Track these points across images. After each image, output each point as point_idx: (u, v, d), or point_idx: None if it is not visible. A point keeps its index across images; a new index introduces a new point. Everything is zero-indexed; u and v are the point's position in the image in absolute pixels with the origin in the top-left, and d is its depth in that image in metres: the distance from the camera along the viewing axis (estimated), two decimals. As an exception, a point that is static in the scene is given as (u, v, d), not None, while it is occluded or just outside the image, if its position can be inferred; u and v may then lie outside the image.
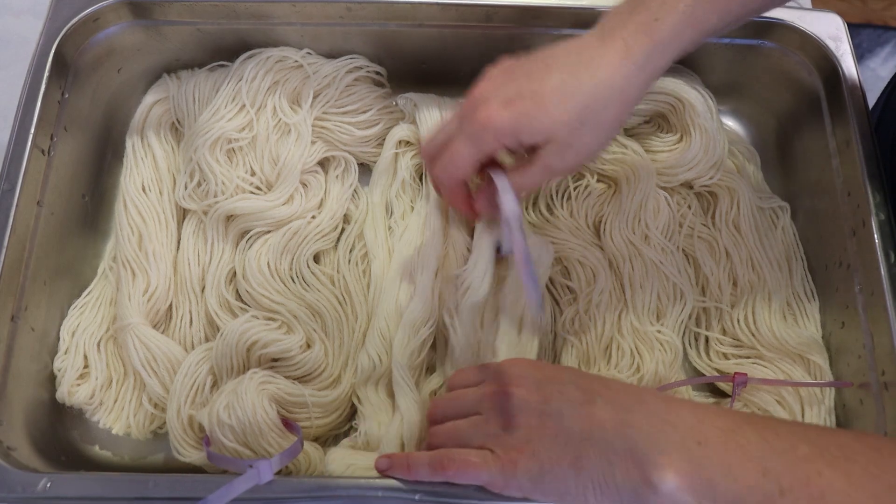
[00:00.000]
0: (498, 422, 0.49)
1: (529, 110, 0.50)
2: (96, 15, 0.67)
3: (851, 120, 0.66)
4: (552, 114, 0.50)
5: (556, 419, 0.47)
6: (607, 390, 0.47)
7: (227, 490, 0.49)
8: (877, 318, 0.60)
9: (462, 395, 0.53)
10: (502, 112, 0.51)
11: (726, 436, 0.43)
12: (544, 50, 0.53)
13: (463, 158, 0.53)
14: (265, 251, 0.65)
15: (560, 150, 0.52)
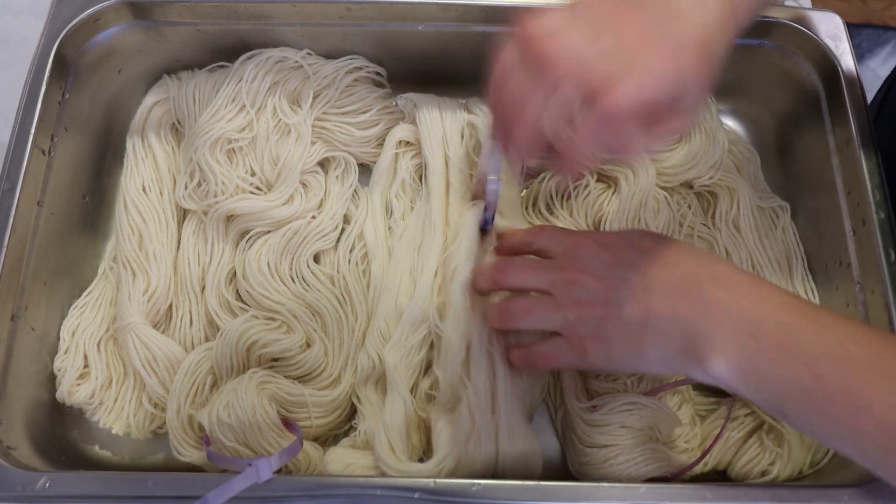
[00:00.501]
0: (570, 308, 0.52)
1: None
2: (97, 16, 0.68)
3: (851, 119, 0.66)
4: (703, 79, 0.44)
5: (618, 307, 0.49)
6: (668, 273, 0.48)
7: (226, 488, 0.49)
8: (877, 317, 0.60)
9: (535, 267, 0.55)
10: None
11: (781, 331, 0.44)
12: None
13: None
14: (265, 251, 0.65)
15: None
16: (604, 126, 0.41)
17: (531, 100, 0.43)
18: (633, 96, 0.40)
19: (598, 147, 0.44)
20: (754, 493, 0.52)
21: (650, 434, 0.59)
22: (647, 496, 0.52)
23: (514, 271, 0.55)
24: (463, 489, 0.52)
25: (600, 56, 0.40)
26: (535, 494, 0.52)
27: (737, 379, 0.45)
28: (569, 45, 0.41)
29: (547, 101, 0.42)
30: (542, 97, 0.42)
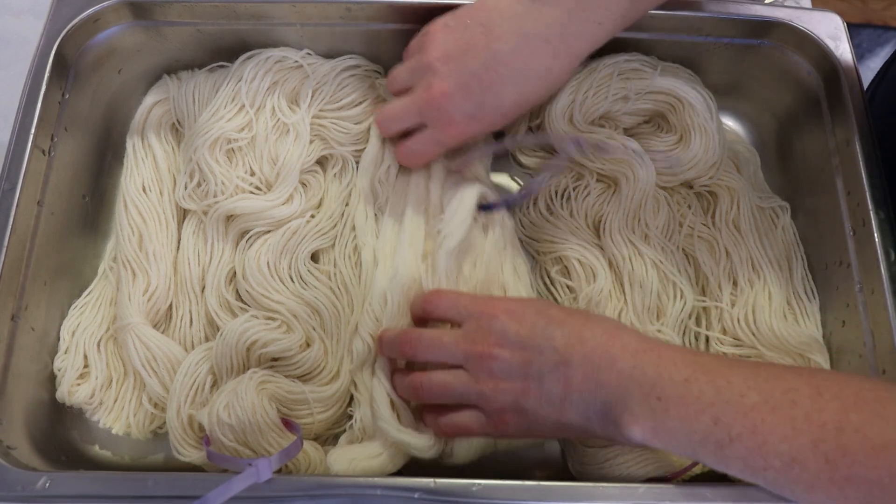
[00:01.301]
0: (486, 383, 0.52)
1: (492, 123, 0.62)
2: (97, 16, 0.68)
3: (851, 119, 0.66)
4: (509, 118, 0.62)
5: (538, 382, 0.51)
6: (581, 345, 0.51)
7: (225, 488, 0.49)
8: (877, 317, 0.60)
9: (446, 343, 0.54)
10: (469, 127, 0.61)
11: (684, 388, 0.47)
12: (489, 46, 0.59)
13: (429, 154, 0.64)
14: (265, 251, 0.65)
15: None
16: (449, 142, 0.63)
17: None
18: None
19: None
20: (754, 494, 0.52)
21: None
22: (646, 496, 0.52)
23: (424, 347, 0.55)
24: (463, 489, 0.52)
25: None
26: (535, 494, 0.52)
27: (651, 439, 0.48)
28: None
29: None
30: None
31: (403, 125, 0.64)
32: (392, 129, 0.65)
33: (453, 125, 0.61)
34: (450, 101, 0.59)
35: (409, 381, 0.56)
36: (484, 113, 0.60)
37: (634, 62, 0.69)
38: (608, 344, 0.50)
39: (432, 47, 0.61)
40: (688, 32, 0.71)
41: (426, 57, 0.61)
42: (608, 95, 0.69)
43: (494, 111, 0.60)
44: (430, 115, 0.61)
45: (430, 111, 0.61)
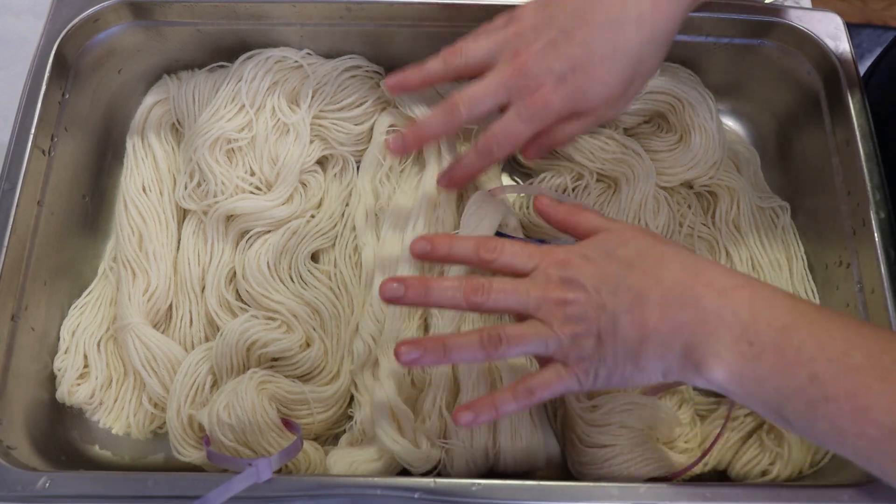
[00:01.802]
0: (562, 329, 0.48)
1: (584, 84, 0.52)
2: (97, 16, 0.68)
3: (851, 119, 0.66)
4: (607, 81, 0.52)
5: (612, 326, 0.47)
6: (658, 285, 0.47)
7: (225, 488, 0.49)
8: (877, 317, 0.60)
9: (519, 289, 0.49)
10: (558, 92, 0.52)
11: (780, 336, 0.44)
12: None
13: (520, 137, 0.55)
14: (265, 251, 0.65)
15: (614, 105, 0.55)
16: (534, 116, 0.53)
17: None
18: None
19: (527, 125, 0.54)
20: (754, 493, 0.52)
21: (650, 434, 0.59)
22: (646, 496, 0.52)
23: (496, 294, 0.49)
24: (463, 489, 0.52)
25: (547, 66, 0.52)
26: (535, 494, 0.52)
27: (736, 385, 0.45)
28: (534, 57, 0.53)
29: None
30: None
31: (489, 105, 0.55)
32: (476, 111, 0.55)
33: (540, 91, 0.52)
34: (536, 62, 0.52)
35: (479, 333, 0.49)
36: (575, 73, 0.52)
37: (634, 62, 0.69)
38: (690, 282, 0.47)
39: (522, 19, 0.55)
40: (688, 32, 0.71)
41: (514, 27, 0.55)
42: (608, 95, 0.68)
43: (585, 68, 0.52)
44: (517, 85, 0.53)
45: (517, 79, 0.53)
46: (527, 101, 0.53)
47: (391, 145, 0.57)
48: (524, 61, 0.52)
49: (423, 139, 0.57)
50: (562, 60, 0.52)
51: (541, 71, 0.52)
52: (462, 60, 0.56)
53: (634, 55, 0.52)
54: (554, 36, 0.52)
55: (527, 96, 0.53)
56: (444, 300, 0.50)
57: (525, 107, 0.53)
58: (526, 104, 0.53)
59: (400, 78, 0.58)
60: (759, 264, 0.67)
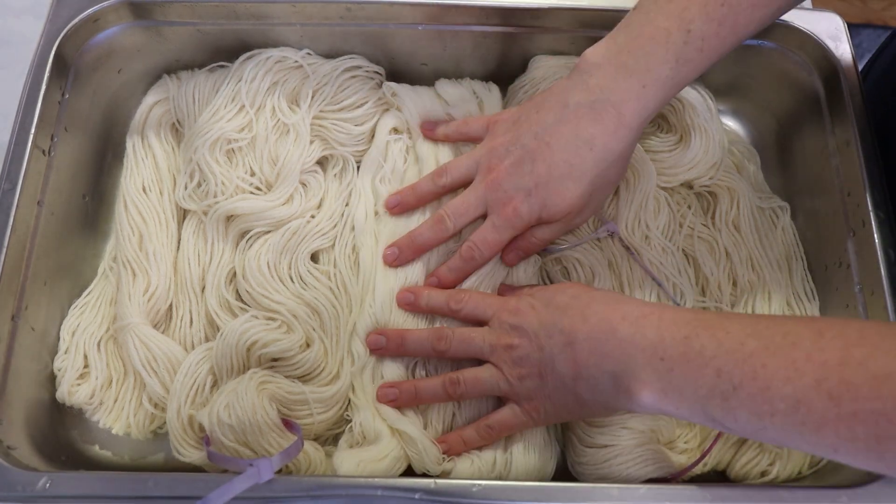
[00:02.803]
0: (511, 371, 0.56)
1: (546, 199, 0.59)
2: (97, 16, 0.67)
3: (851, 120, 0.66)
4: (567, 196, 0.59)
5: (550, 366, 0.54)
6: (584, 324, 0.53)
7: (226, 489, 0.49)
8: (877, 318, 0.60)
9: (475, 338, 0.58)
10: (525, 205, 0.59)
11: (685, 346, 0.48)
12: (539, 116, 0.60)
13: (497, 243, 0.61)
14: (265, 251, 0.65)
15: (579, 214, 0.61)
16: (506, 225, 0.60)
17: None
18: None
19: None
20: (754, 494, 0.52)
21: (650, 435, 0.59)
22: (646, 497, 0.52)
23: (457, 343, 0.58)
24: (463, 489, 0.52)
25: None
26: (535, 495, 0.52)
27: (664, 402, 0.49)
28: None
29: None
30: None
31: (470, 216, 0.62)
32: (460, 222, 0.62)
33: (511, 204, 0.59)
34: (506, 178, 0.59)
35: (441, 380, 0.58)
36: (538, 189, 0.59)
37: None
38: (609, 316, 0.52)
39: (496, 135, 0.62)
40: (688, 33, 0.71)
41: (488, 143, 0.62)
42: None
43: (547, 185, 0.58)
44: (491, 198, 0.60)
45: (491, 193, 0.60)
46: (500, 213, 0.60)
47: (388, 259, 0.63)
48: (496, 177, 0.60)
49: (418, 250, 0.63)
50: (526, 178, 0.59)
51: (510, 186, 0.59)
52: (448, 179, 0.63)
53: (589, 173, 0.58)
54: (520, 155, 0.59)
55: (500, 208, 0.60)
56: (417, 350, 0.60)
57: (498, 217, 0.60)
58: (499, 215, 0.60)
59: (398, 200, 0.65)
60: (758, 264, 0.67)
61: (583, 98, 0.58)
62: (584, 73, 0.58)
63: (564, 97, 0.59)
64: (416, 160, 0.69)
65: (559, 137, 0.58)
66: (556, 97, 0.59)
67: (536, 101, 0.61)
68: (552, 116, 0.59)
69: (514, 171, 0.59)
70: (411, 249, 0.63)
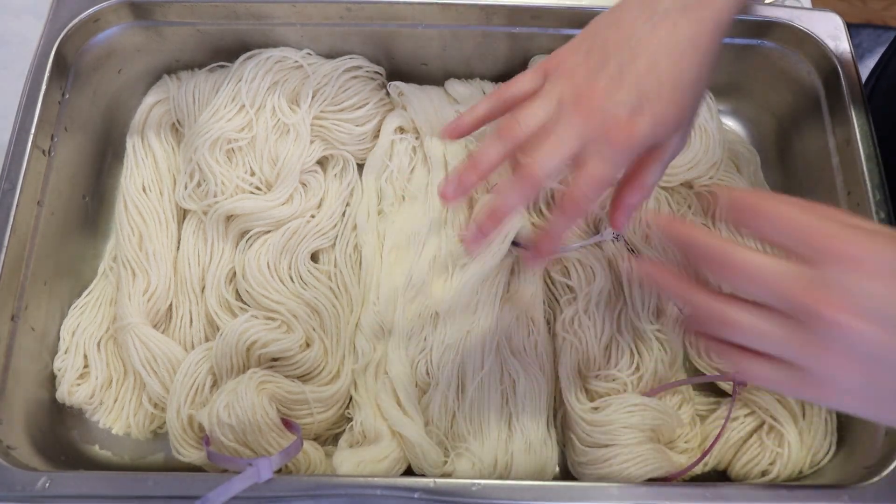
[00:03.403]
0: (819, 350, 0.37)
1: (662, 112, 0.49)
2: (97, 16, 0.68)
3: (851, 119, 0.66)
4: (681, 107, 0.49)
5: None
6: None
7: (226, 488, 0.49)
8: (877, 317, 0.60)
9: (776, 279, 0.38)
10: (636, 123, 0.48)
11: None
12: (623, 31, 0.50)
13: (607, 181, 0.49)
14: (265, 251, 0.65)
15: (684, 131, 0.51)
16: (619, 155, 0.48)
17: (558, 131, 0.48)
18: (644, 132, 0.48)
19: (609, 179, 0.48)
20: (754, 493, 0.52)
21: (651, 435, 0.59)
22: (646, 496, 0.52)
23: (745, 274, 0.39)
24: (463, 489, 0.52)
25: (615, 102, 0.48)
26: (535, 494, 0.52)
27: None
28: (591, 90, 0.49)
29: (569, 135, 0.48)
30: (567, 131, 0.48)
31: (565, 156, 0.49)
32: (552, 171, 0.49)
33: (617, 127, 0.48)
34: (603, 99, 0.48)
35: (714, 308, 0.40)
36: (650, 103, 0.48)
37: (634, 62, 0.69)
38: None
39: (567, 65, 0.51)
40: (688, 32, 0.71)
41: (562, 77, 0.51)
42: (608, 95, 0.68)
43: (658, 93, 0.48)
44: (590, 129, 0.48)
45: (589, 122, 0.48)
46: (609, 141, 0.48)
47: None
48: (591, 104, 0.49)
49: (504, 218, 0.51)
50: (631, 91, 0.48)
51: (611, 106, 0.48)
52: (522, 131, 0.50)
53: (695, 78, 0.49)
54: (612, 70, 0.49)
55: (605, 136, 0.48)
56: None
57: (607, 146, 0.48)
58: (608, 144, 0.48)
59: (457, 184, 0.51)
60: (759, 264, 0.66)
61: (671, 3, 0.49)
62: None
63: (650, 5, 0.50)
64: (423, 159, 0.69)
65: (659, 43, 0.49)
66: (634, 8, 0.50)
67: (609, 21, 0.51)
68: (641, 27, 0.49)
69: (614, 86, 0.48)
70: (494, 222, 0.51)
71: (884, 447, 0.56)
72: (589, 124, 0.48)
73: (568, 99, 0.49)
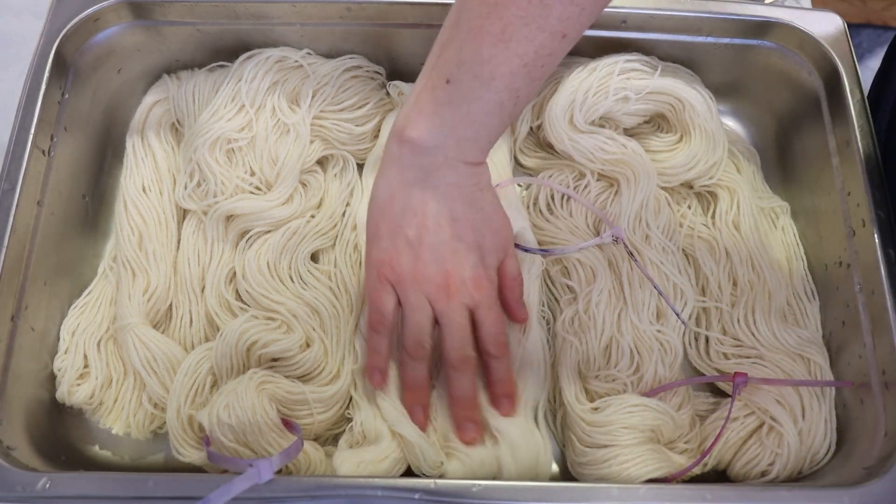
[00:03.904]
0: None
1: (491, 238, 0.57)
2: (96, 15, 0.68)
3: (851, 119, 0.66)
4: (502, 218, 0.58)
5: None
6: None
7: (226, 489, 0.49)
8: (877, 318, 0.60)
9: None
10: (482, 265, 0.57)
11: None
12: (412, 217, 0.55)
13: (501, 317, 0.59)
14: (265, 251, 0.65)
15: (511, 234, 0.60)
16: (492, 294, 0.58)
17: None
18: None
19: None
20: (754, 494, 0.52)
21: (651, 435, 0.59)
22: (646, 497, 0.52)
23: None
24: (463, 489, 0.52)
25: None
26: (535, 495, 0.52)
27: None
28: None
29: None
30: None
31: (469, 332, 0.57)
32: (466, 352, 0.57)
33: (477, 279, 0.56)
34: (457, 271, 0.56)
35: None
36: (484, 248, 0.56)
37: (635, 62, 0.69)
38: None
39: (400, 268, 0.57)
40: (688, 32, 0.71)
41: (413, 283, 0.57)
42: (608, 95, 0.68)
43: (483, 234, 0.56)
44: (466, 296, 0.56)
45: (459, 294, 0.56)
46: (477, 294, 0.57)
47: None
48: (450, 287, 0.56)
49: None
50: (468, 255, 0.56)
51: (465, 270, 0.56)
52: (429, 343, 0.58)
53: (496, 200, 0.58)
54: (450, 248, 0.56)
55: (474, 291, 0.57)
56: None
57: (479, 296, 0.57)
58: (478, 295, 0.57)
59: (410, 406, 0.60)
60: (758, 264, 0.67)
61: (413, 176, 0.54)
62: (426, 168, 0.54)
63: (411, 179, 0.55)
64: None
65: (459, 224, 0.55)
66: (408, 186, 0.55)
67: (394, 206, 0.56)
68: (432, 195, 0.55)
69: (456, 258, 0.56)
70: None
71: (883, 447, 0.56)
72: (460, 296, 0.56)
73: (433, 296, 0.56)
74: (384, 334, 0.58)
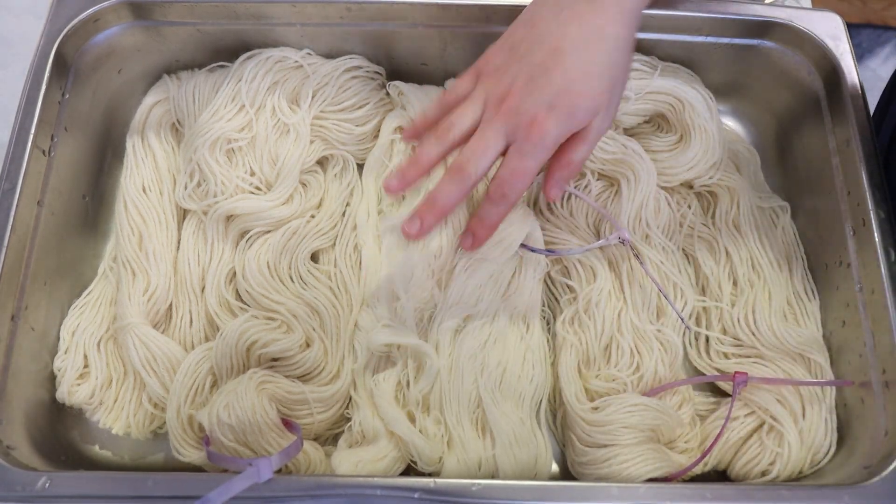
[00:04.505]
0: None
1: (573, 104, 0.54)
2: (97, 16, 0.68)
3: (851, 119, 0.66)
4: (594, 94, 0.54)
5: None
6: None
7: (226, 488, 0.49)
8: (877, 317, 0.60)
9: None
10: (551, 120, 0.53)
11: None
12: (536, 29, 0.55)
13: (528, 173, 0.55)
14: (265, 251, 0.65)
15: (605, 114, 0.56)
16: (537, 149, 0.54)
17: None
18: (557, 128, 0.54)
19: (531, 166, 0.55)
20: (754, 493, 0.52)
21: (651, 435, 0.59)
22: (646, 496, 0.52)
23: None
24: (463, 489, 0.52)
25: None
26: (535, 494, 0.52)
27: None
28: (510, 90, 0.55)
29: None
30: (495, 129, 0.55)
31: (492, 155, 0.55)
32: (482, 166, 0.55)
33: (534, 124, 0.53)
34: (521, 99, 0.54)
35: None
36: (560, 97, 0.53)
37: (634, 62, 0.69)
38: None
39: (491, 67, 0.57)
40: (688, 32, 0.71)
41: (488, 79, 0.56)
42: (608, 95, 0.68)
43: (568, 90, 0.53)
44: (511, 126, 0.54)
45: (510, 120, 0.54)
46: (525, 138, 0.54)
47: (410, 232, 0.58)
48: (510, 103, 0.54)
49: (442, 213, 0.58)
50: (545, 90, 0.54)
51: (528, 106, 0.54)
52: (456, 132, 0.57)
53: (607, 65, 0.54)
54: (529, 71, 0.54)
55: (524, 133, 0.54)
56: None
57: (525, 142, 0.54)
58: (525, 140, 0.54)
59: (400, 178, 0.58)
60: (759, 264, 0.67)
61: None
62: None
63: (556, 2, 0.55)
64: None
65: (566, 39, 0.54)
66: (545, 6, 0.55)
67: (525, 19, 0.56)
68: (550, 23, 0.54)
69: (528, 88, 0.54)
70: (433, 214, 0.57)
71: (884, 447, 0.56)
72: (509, 122, 0.54)
73: (492, 101, 0.56)
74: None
